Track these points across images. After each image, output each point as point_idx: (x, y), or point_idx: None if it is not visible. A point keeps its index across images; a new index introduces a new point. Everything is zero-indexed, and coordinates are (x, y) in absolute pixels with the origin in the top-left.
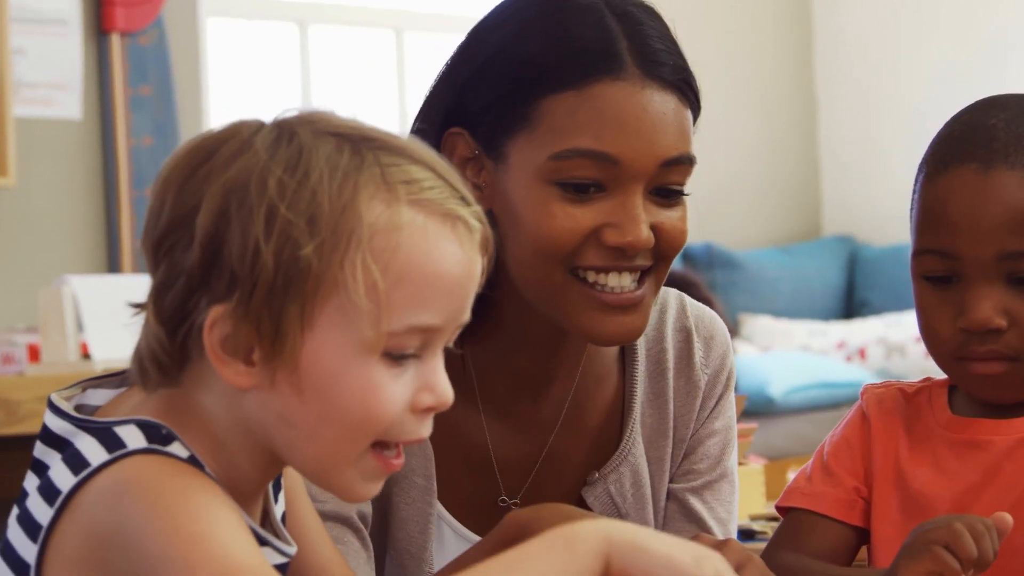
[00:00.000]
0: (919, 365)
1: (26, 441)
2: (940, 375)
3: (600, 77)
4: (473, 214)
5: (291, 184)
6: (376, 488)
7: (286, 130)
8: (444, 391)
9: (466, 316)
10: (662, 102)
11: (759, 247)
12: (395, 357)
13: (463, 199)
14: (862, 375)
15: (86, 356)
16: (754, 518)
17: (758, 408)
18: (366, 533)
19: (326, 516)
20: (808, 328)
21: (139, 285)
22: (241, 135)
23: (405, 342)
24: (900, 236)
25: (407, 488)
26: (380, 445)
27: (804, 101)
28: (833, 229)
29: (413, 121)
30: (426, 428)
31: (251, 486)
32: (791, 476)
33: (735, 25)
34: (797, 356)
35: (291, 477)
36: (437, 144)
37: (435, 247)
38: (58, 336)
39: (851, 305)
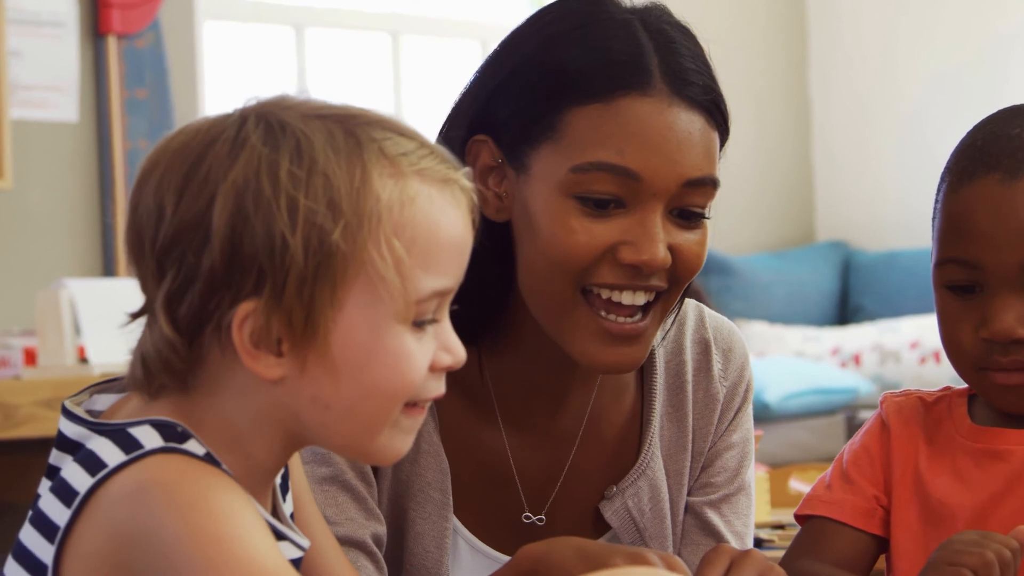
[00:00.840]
0: (913, 371)
1: (24, 445)
2: (934, 383)
3: (627, 91)
4: (463, 174)
5: (301, 174)
6: (409, 442)
7: (273, 120)
8: (459, 350)
9: None
10: (688, 121)
11: (753, 252)
12: (418, 323)
13: (450, 161)
14: (856, 381)
15: (83, 360)
16: (759, 526)
17: (753, 414)
18: (380, 557)
19: (340, 541)
20: (802, 334)
21: (137, 289)
22: (228, 131)
23: (427, 308)
24: (894, 242)
25: (423, 503)
26: (406, 405)
27: (798, 106)
28: (827, 235)
29: (440, 127)
30: (443, 385)
31: (265, 476)
32: (793, 484)
33: (728, 29)
34: (791, 362)
35: (298, 481)
36: (462, 151)
37: (443, 213)
38: (55, 339)
39: (845, 311)
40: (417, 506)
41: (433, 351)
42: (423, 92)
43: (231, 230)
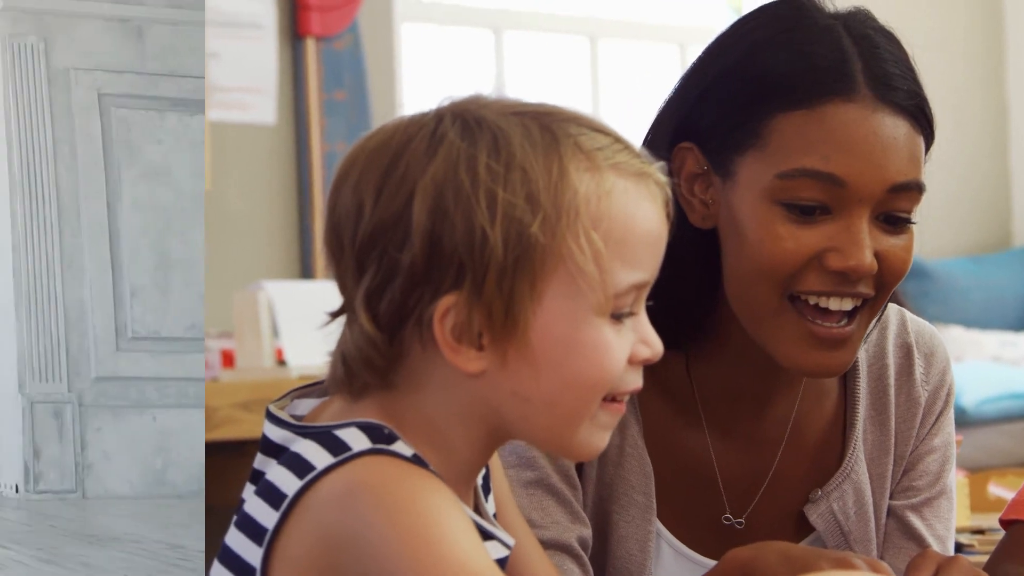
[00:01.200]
0: None
1: (221, 447)
2: None
3: (832, 98)
4: (658, 169)
5: (499, 168)
6: (607, 438)
7: (470, 117)
8: (657, 343)
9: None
10: (893, 127)
11: (950, 257)
12: (616, 316)
13: (644, 156)
14: None
15: (281, 362)
16: (959, 531)
17: None
18: (586, 559)
19: (545, 545)
20: (999, 339)
21: (335, 291)
22: (425, 129)
23: (625, 301)
24: None
25: (627, 506)
26: (605, 400)
27: (996, 109)
28: None
29: (645, 134)
30: (641, 378)
31: (468, 473)
32: (992, 488)
33: (925, 32)
34: (989, 366)
35: (499, 483)
36: (667, 158)
37: (638, 207)
38: (253, 342)
39: None
40: (621, 509)
41: (632, 344)
42: (621, 96)
43: (431, 225)
